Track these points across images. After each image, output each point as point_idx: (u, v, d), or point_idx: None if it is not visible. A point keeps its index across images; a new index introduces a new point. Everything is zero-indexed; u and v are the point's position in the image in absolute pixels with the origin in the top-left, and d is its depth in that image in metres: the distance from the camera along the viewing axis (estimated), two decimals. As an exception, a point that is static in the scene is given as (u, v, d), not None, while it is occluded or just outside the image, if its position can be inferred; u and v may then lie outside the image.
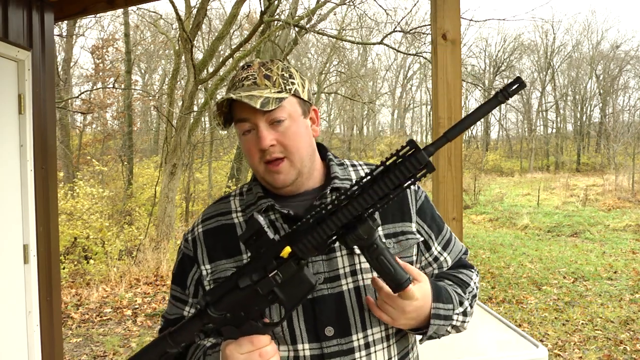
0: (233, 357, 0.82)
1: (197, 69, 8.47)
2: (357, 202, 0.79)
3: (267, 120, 0.93)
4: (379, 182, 0.79)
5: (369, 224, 0.81)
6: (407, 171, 0.78)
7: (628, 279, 6.53)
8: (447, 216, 2.34)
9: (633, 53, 27.95)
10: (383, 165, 0.79)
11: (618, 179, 16.10)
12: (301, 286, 0.83)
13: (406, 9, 12.01)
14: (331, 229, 0.81)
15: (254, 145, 0.94)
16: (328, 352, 0.92)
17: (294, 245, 0.81)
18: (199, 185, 13.57)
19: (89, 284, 6.44)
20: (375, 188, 0.79)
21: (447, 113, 2.34)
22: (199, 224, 1.05)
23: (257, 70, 0.96)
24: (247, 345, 0.83)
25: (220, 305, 0.84)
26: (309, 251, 0.82)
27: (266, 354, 0.82)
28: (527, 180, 20.66)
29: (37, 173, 2.69)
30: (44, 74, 2.78)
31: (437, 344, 1.88)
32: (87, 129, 16.30)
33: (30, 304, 2.65)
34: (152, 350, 0.86)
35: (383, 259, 0.83)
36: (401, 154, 0.79)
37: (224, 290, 0.85)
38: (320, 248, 0.82)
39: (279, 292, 0.83)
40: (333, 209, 0.81)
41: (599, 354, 4.20)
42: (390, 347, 0.97)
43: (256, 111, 0.91)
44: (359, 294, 0.94)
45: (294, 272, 0.82)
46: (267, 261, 0.83)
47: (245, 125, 0.94)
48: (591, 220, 11.03)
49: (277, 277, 0.82)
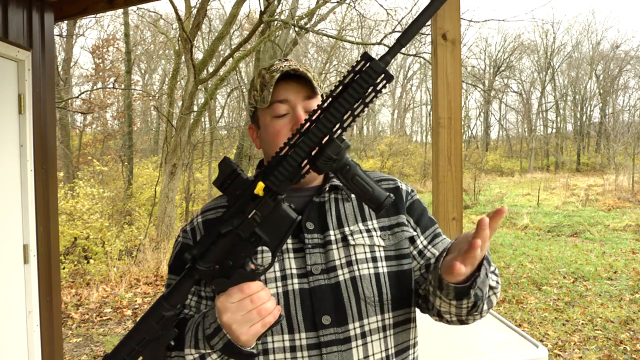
0: (225, 308, 0.81)
1: (197, 69, 8.47)
2: (321, 124, 0.78)
3: (304, 107, 0.98)
4: (340, 99, 0.77)
5: (337, 143, 0.79)
6: (366, 83, 0.76)
7: (628, 279, 6.53)
8: (447, 216, 2.34)
9: (633, 53, 28.00)
10: (341, 84, 0.77)
11: (618, 179, 16.11)
12: (282, 222, 0.82)
13: (406, 8, 12.01)
14: (300, 155, 0.79)
15: (285, 127, 0.98)
16: (325, 341, 0.93)
17: (266, 180, 0.80)
18: (199, 185, 13.57)
19: (89, 284, 6.44)
20: (337, 106, 0.77)
21: (447, 113, 2.34)
22: (198, 215, 1.07)
23: (297, 64, 1.01)
24: (237, 293, 0.82)
25: (206, 257, 0.83)
26: (282, 183, 0.80)
27: (258, 299, 0.81)
28: (527, 180, 20.66)
29: (37, 173, 2.69)
30: (44, 74, 2.78)
31: (437, 344, 1.88)
32: (87, 129, 16.29)
33: (30, 304, 2.65)
34: (149, 317, 0.85)
35: (359, 179, 0.80)
36: (357, 68, 0.77)
37: (208, 242, 0.83)
38: (294, 177, 0.80)
39: (261, 233, 0.82)
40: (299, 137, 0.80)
41: (599, 354, 4.20)
42: (387, 337, 0.97)
43: (298, 94, 0.97)
44: (355, 284, 0.95)
45: (271, 208, 0.81)
46: (244, 203, 0.81)
47: (282, 107, 0.99)
48: (591, 220, 11.03)
49: (256, 217, 0.81)
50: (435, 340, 1.88)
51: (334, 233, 0.98)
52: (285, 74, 0.98)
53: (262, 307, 0.81)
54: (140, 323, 0.86)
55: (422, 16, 0.75)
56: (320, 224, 0.98)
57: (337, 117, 0.78)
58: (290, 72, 0.97)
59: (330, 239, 0.97)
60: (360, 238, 0.98)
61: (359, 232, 0.99)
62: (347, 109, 0.77)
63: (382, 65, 0.76)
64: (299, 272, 0.95)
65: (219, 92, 14.93)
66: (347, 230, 0.99)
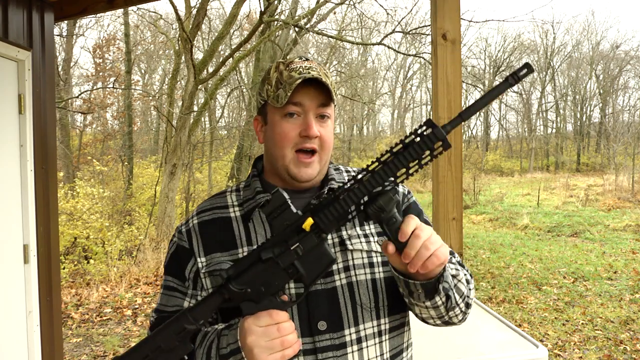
0: (251, 330, 0.81)
1: (197, 69, 8.47)
2: (378, 175, 0.82)
3: (317, 113, 0.97)
4: (399, 156, 0.82)
5: (390, 195, 0.83)
6: (425, 146, 0.81)
7: (628, 279, 6.53)
8: (447, 216, 2.34)
9: (633, 53, 27.99)
10: (402, 142, 0.83)
11: (618, 179, 16.10)
12: (321, 260, 0.84)
13: (406, 8, 12.01)
14: (352, 200, 0.83)
15: (293, 130, 0.96)
16: (320, 347, 0.92)
17: (315, 216, 0.83)
18: (199, 185, 13.56)
19: (89, 284, 6.44)
20: (395, 161, 0.82)
21: (447, 113, 2.34)
22: (194, 216, 1.04)
23: (318, 67, 0.99)
24: (266, 318, 0.82)
25: (241, 279, 0.85)
26: (330, 223, 0.83)
27: (284, 329, 0.82)
28: (527, 180, 20.66)
29: (37, 173, 2.69)
30: (44, 74, 2.78)
31: (437, 344, 1.88)
32: (87, 129, 16.29)
33: (30, 304, 2.65)
34: (170, 327, 0.85)
35: None
36: (419, 132, 0.82)
37: (246, 264, 0.85)
38: (342, 220, 0.83)
39: (299, 266, 0.84)
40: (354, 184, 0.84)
41: (599, 354, 4.20)
42: (382, 343, 0.97)
43: (314, 100, 0.96)
44: (351, 290, 0.95)
45: (314, 245, 0.83)
46: (289, 234, 0.84)
47: (295, 108, 0.96)
48: (591, 220, 11.03)
49: (298, 249, 0.83)
50: (435, 341, 1.88)
51: (332, 237, 0.97)
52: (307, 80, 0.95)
53: (286, 339, 0.81)
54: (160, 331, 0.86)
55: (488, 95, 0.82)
56: None
57: (394, 172, 0.82)
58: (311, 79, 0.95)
59: (328, 242, 0.96)
60: (358, 243, 0.98)
61: (356, 237, 0.98)
62: (404, 165, 0.82)
63: (443, 133, 0.81)
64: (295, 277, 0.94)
65: (219, 92, 14.92)
66: (345, 235, 0.98)
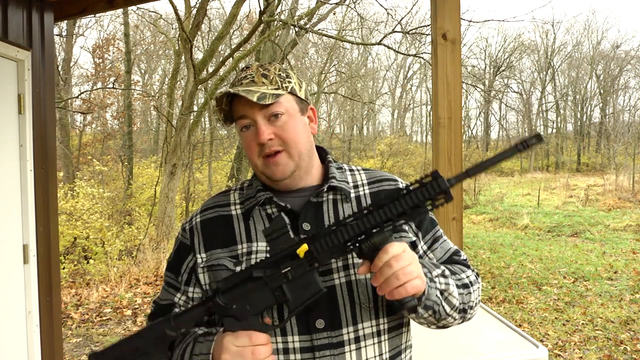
0: (227, 349, 0.83)
1: (197, 69, 8.47)
2: (377, 213, 0.85)
3: (265, 116, 0.97)
4: (400, 199, 0.85)
5: (385, 235, 0.85)
6: (427, 193, 0.84)
7: (628, 279, 6.53)
8: (447, 216, 2.34)
9: (633, 53, 27.98)
10: (407, 188, 0.86)
11: (618, 179, 16.11)
12: (309, 288, 0.86)
13: (406, 8, 12.00)
14: (349, 234, 0.85)
15: (252, 140, 0.98)
16: (318, 345, 0.93)
17: (311, 244, 0.85)
18: (199, 185, 13.57)
19: (89, 284, 6.44)
20: (396, 204, 0.85)
21: (447, 113, 2.34)
22: (197, 214, 1.07)
23: (255, 71, 1.01)
24: (244, 339, 0.83)
25: (229, 294, 0.87)
26: (324, 253, 0.85)
27: (258, 353, 0.83)
28: (527, 180, 20.66)
29: (37, 173, 2.69)
30: (43, 74, 2.78)
31: (437, 344, 1.88)
32: (87, 129, 16.29)
33: (30, 304, 2.64)
34: (151, 330, 0.87)
35: None
36: (424, 181, 0.85)
37: (236, 280, 0.87)
38: (337, 251, 0.85)
39: (287, 290, 0.86)
40: (354, 218, 0.86)
41: (599, 354, 4.19)
42: (381, 343, 0.97)
43: (254, 106, 0.96)
44: (350, 288, 0.95)
45: (305, 272, 0.86)
46: (283, 258, 0.86)
47: (244, 121, 0.98)
48: (591, 220, 11.03)
49: (288, 273, 0.85)
50: (435, 341, 1.88)
51: None
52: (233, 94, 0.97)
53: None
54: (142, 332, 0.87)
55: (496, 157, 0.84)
56: (317, 226, 0.97)
57: (393, 214, 0.85)
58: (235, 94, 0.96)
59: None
60: None
61: None
62: (404, 210, 0.85)
63: (447, 184, 0.84)
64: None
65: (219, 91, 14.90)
66: None
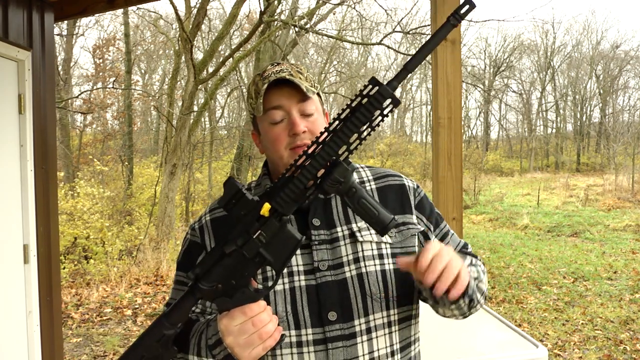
0: (228, 331, 0.83)
1: (197, 69, 8.47)
2: (329, 147, 0.79)
3: (299, 110, 0.99)
4: (347, 122, 0.78)
5: (344, 166, 0.80)
6: (373, 107, 0.78)
7: (628, 279, 6.53)
8: (447, 216, 2.34)
9: (633, 53, 27.98)
10: (349, 107, 0.79)
11: (618, 179, 16.11)
12: (287, 243, 0.82)
13: (406, 9, 12.01)
14: (307, 177, 0.80)
15: (282, 132, 0.98)
16: (330, 337, 0.94)
17: (272, 201, 0.81)
18: (199, 185, 13.57)
19: (89, 284, 6.44)
20: (344, 129, 0.78)
21: (447, 113, 2.34)
22: (206, 213, 1.08)
23: (289, 67, 1.01)
24: (240, 316, 0.82)
25: (210, 276, 0.83)
26: (288, 204, 0.81)
27: (260, 321, 0.82)
28: (527, 180, 20.66)
29: (37, 173, 2.69)
30: (44, 74, 2.78)
31: (437, 344, 1.88)
32: (87, 129, 16.28)
33: (30, 304, 2.65)
34: (149, 336, 0.85)
35: (365, 201, 0.82)
36: (365, 92, 0.78)
37: (212, 261, 0.84)
38: (299, 199, 0.81)
39: (265, 253, 0.82)
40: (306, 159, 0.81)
41: (599, 354, 4.20)
42: (392, 334, 0.98)
43: (291, 98, 0.98)
44: (361, 281, 0.96)
45: (276, 229, 0.81)
46: (249, 223, 0.82)
47: (278, 113, 0.99)
48: (591, 220, 11.03)
49: (261, 237, 0.81)
50: (435, 340, 1.88)
51: (342, 229, 0.99)
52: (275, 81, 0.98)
53: (263, 331, 0.82)
54: (139, 340, 0.85)
55: (428, 44, 0.77)
56: (327, 221, 0.99)
57: (344, 140, 0.79)
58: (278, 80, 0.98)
59: (338, 235, 0.98)
60: (368, 235, 0.99)
61: (366, 229, 0.99)
62: (354, 132, 0.79)
63: (389, 90, 0.77)
64: (305, 269, 0.96)
65: (219, 92, 14.93)
66: (355, 227, 0.99)
